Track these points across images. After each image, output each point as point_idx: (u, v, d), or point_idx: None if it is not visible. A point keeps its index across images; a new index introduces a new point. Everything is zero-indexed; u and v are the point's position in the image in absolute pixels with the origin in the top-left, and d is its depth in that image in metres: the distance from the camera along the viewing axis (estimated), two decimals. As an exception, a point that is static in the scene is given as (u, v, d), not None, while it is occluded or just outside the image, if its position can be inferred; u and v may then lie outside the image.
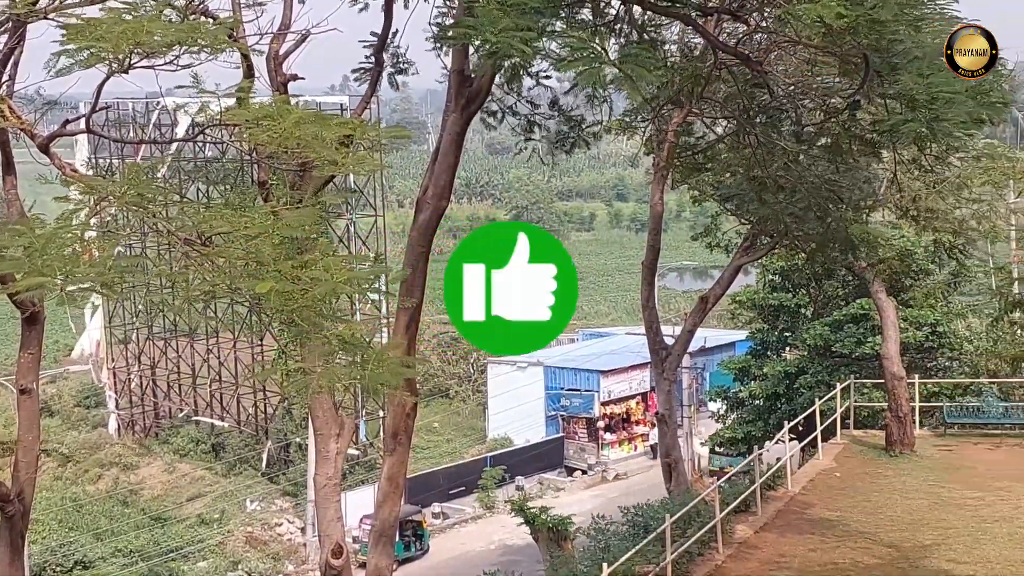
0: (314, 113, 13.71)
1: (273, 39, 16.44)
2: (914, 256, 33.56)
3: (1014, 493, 23.78)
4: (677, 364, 28.38)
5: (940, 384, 32.66)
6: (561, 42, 13.44)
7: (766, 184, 22.14)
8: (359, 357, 11.54)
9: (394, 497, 17.50)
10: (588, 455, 54.84)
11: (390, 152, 52.82)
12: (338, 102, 54.03)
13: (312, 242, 11.85)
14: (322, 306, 10.93)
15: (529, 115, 21.65)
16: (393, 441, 17.29)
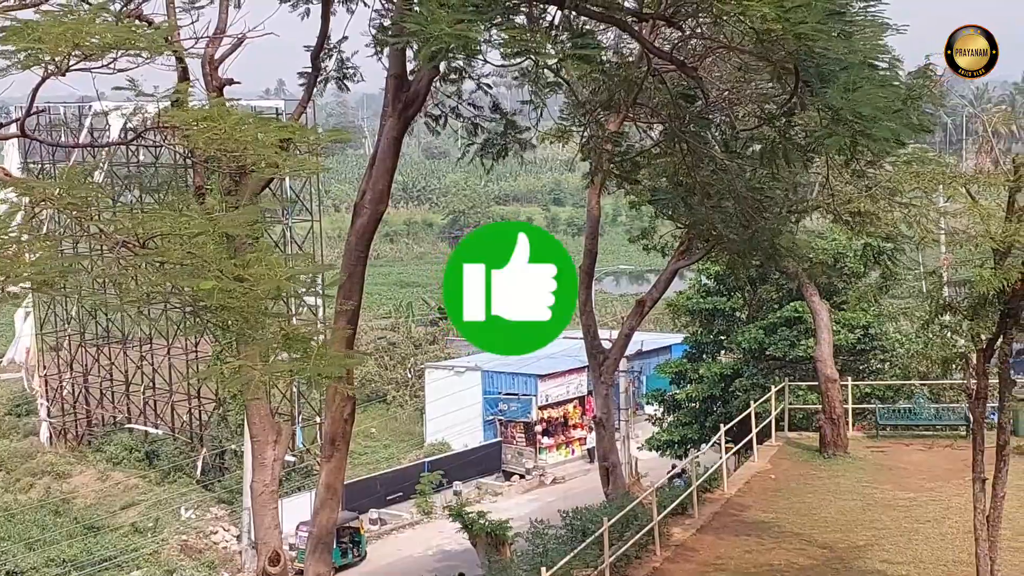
0: (253, 115, 13.65)
1: (209, 43, 16.36)
2: (846, 260, 34.04)
3: (945, 494, 24.14)
4: (614, 368, 28.53)
5: (872, 386, 33.15)
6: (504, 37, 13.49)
7: (693, 190, 22.34)
8: (301, 352, 11.51)
9: (331, 503, 17.44)
10: (526, 459, 54.86)
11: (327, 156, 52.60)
12: (273, 106, 53.62)
13: (251, 243, 11.80)
14: (264, 304, 10.89)
15: (472, 118, 21.69)
16: (330, 447, 17.23)
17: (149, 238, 11.27)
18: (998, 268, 15.37)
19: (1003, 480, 16.59)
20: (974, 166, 75.96)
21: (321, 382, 13.10)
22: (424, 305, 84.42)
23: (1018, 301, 15.80)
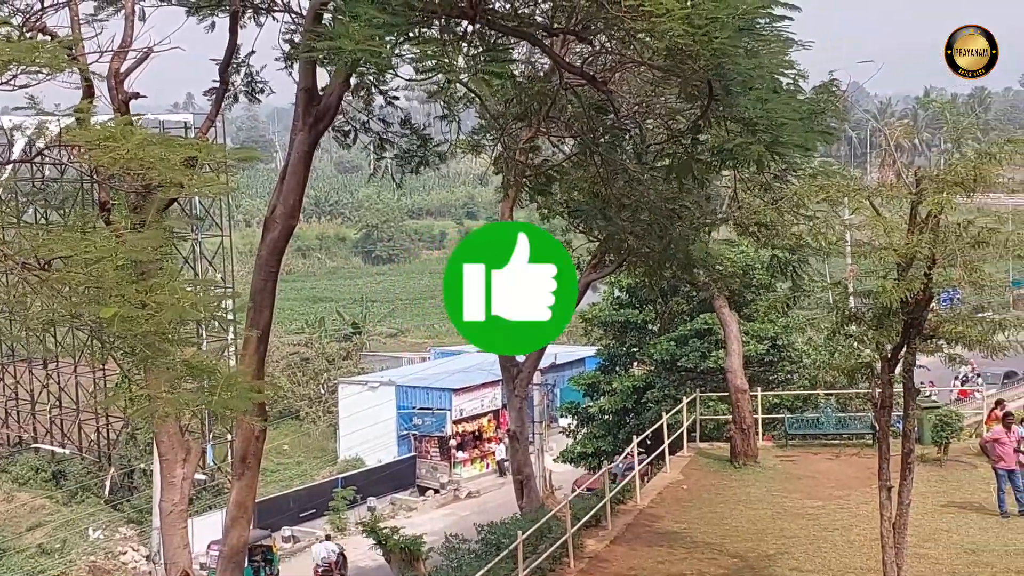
0: (159, 134, 13.46)
1: (113, 57, 16.12)
2: (754, 272, 34.52)
3: (852, 501, 24.53)
4: (528, 381, 28.60)
5: (781, 396, 33.60)
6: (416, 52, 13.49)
7: (609, 202, 22.50)
8: (207, 382, 11.34)
9: (243, 522, 17.23)
10: (440, 474, 54.76)
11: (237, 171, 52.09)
12: (182, 120, 52.96)
13: (156, 265, 11.62)
14: (168, 331, 10.71)
15: (381, 132, 21.63)
16: (241, 465, 17.02)
17: (49, 260, 11.04)
18: (901, 279, 15.69)
19: (908, 487, 16.91)
20: (878, 179, 77.49)
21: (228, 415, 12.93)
22: (338, 319, 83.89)
23: (921, 311, 16.15)
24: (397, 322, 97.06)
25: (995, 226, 16.23)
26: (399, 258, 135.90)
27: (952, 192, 15.58)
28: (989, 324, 16.32)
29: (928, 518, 22.70)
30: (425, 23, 13.97)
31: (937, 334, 16.43)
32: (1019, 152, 15.96)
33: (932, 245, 15.47)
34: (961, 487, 25.37)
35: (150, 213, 13.43)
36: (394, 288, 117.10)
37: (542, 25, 16.05)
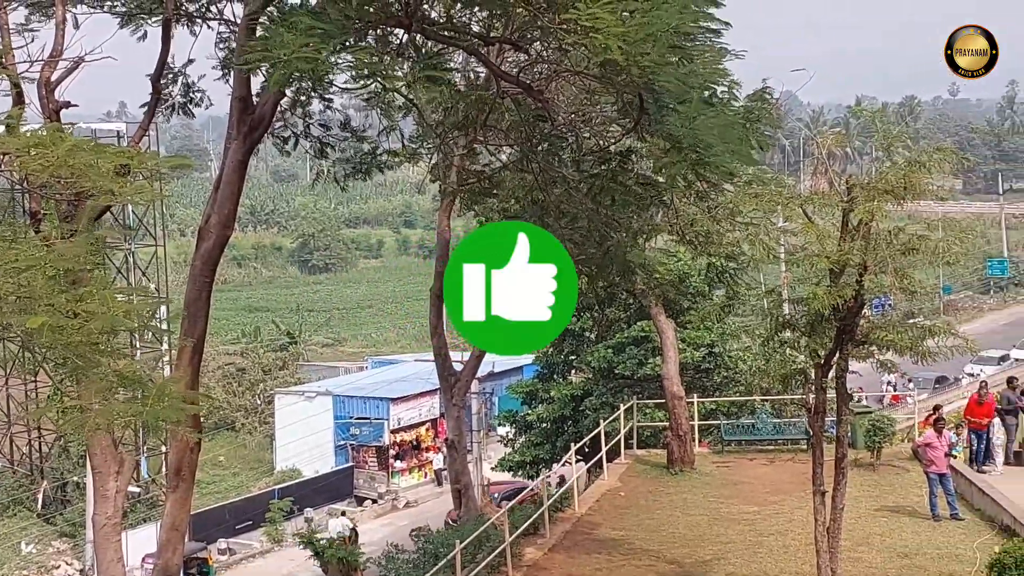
0: (89, 142, 13.29)
1: (44, 66, 15.92)
2: (691, 279, 34.78)
3: (787, 506, 24.75)
4: (466, 390, 28.61)
5: (717, 403, 33.87)
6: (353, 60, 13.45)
7: (548, 210, 22.56)
8: (140, 394, 11.20)
9: (177, 535, 17.04)
10: (378, 484, 54.54)
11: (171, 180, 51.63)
12: (115, 129, 52.35)
13: (88, 274, 11.46)
14: (99, 341, 10.55)
15: (321, 137, 21.55)
16: (176, 477, 16.84)
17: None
18: (833, 286, 15.89)
19: (842, 492, 17.12)
20: (810, 187, 78.42)
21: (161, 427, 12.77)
22: (274, 329, 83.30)
23: (852, 318, 16.37)
24: (334, 332, 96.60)
25: (925, 233, 16.48)
26: (336, 267, 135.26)
27: (883, 200, 15.82)
28: (919, 330, 16.56)
29: (862, 522, 22.97)
30: (361, 32, 13.95)
31: (869, 340, 16.65)
32: (948, 160, 16.25)
33: (863, 252, 15.69)
34: (894, 491, 25.70)
35: (81, 222, 13.27)
36: (331, 297, 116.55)
37: (478, 34, 16.10)
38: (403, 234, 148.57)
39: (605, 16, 11.42)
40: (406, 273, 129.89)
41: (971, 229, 17.52)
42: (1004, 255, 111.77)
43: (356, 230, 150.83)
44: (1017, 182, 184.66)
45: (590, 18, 11.48)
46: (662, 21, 11.70)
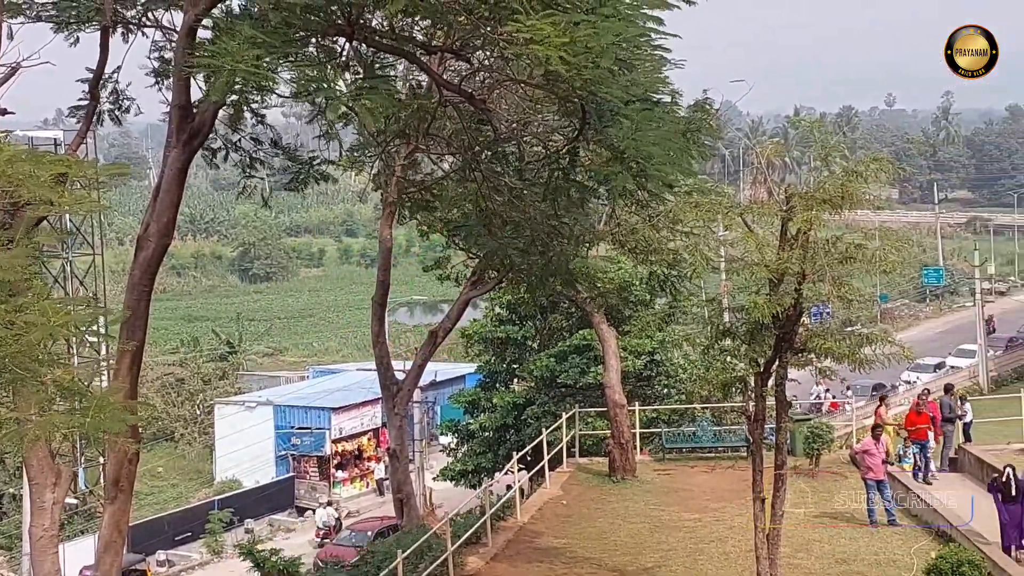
0: (27, 151, 13.12)
1: (-20, 72, 15.72)
2: (632, 288, 34.95)
3: (728, 513, 24.91)
4: (408, 399, 28.50)
5: (658, 411, 34.05)
6: (295, 74, 13.40)
7: (491, 218, 22.59)
8: (78, 404, 11.06)
9: (116, 546, 16.83)
10: (320, 494, 54.21)
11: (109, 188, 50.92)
12: (52, 137, 51.62)
13: (25, 284, 11.30)
14: (37, 351, 10.41)
15: (251, 152, 21.39)
16: (114, 488, 16.64)
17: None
18: (773, 295, 16.05)
19: (781, 499, 17.28)
20: (750, 196, 79.12)
21: (101, 438, 12.60)
22: (215, 339, 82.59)
23: (792, 326, 16.54)
24: (275, 341, 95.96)
25: (862, 242, 16.69)
26: (277, 276, 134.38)
27: (821, 209, 16.01)
28: (856, 338, 16.77)
29: (801, 529, 23.16)
30: (304, 41, 13.92)
31: (807, 348, 16.83)
32: (884, 170, 16.47)
33: (802, 261, 15.87)
34: (832, 498, 25.94)
35: (19, 231, 13.09)
36: (272, 307, 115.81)
37: (420, 43, 16.11)
38: (345, 243, 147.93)
39: (546, 28, 11.46)
40: (348, 282, 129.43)
41: (907, 238, 17.81)
42: (939, 264, 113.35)
43: (297, 239, 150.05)
44: (952, 192, 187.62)
45: (531, 30, 11.52)
46: (606, 35, 11.77)
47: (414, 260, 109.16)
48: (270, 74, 12.20)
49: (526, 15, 11.55)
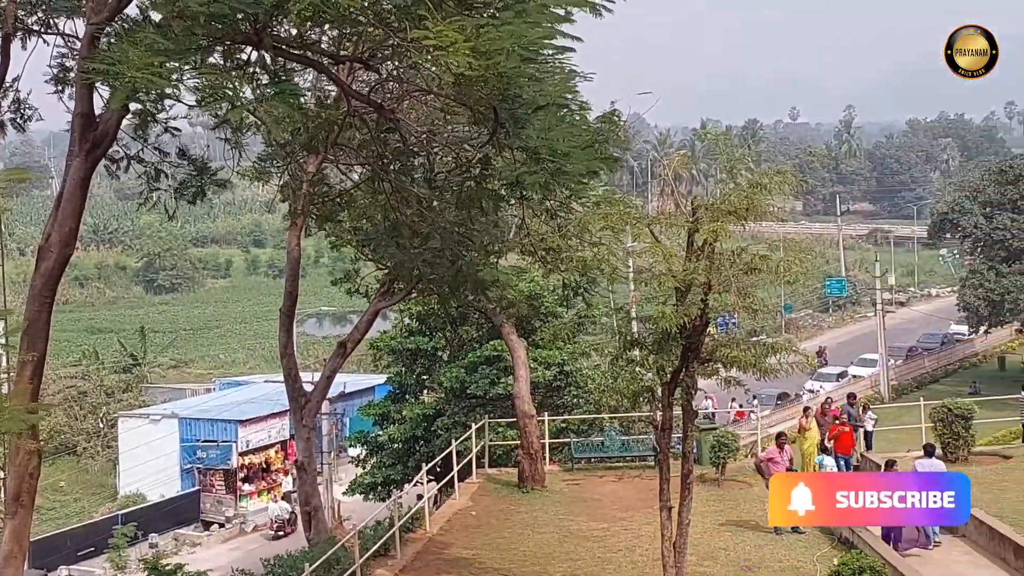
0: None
1: None
2: (543, 299, 35.08)
3: (635, 522, 25.12)
4: (316, 411, 28.27)
5: (568, 421, 34.19)
6: (199, 81, 13.23)
7: (401, 229, 22.51)
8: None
9: (16, 563, 16.47)
10: (226, 507, 53.56)
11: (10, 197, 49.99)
12: (-51, 143, 50.49)
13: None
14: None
15: (156, 163, 21.07)
16: (15, 503, 16.28)
17: None
18: (679, 305, 16.24)
19: (688, 507, 17.46)
20: (657, 207, 79.88)
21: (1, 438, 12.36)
22: (119, 351, 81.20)
23: (698, 336, 16.74)
24: (181, 353, 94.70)
25: (766, 253, 16.95)
26: (182, 287, 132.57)
27: (726, 221, 16.24)
28: (761, 348, 17.01)
29: (707, 536, 23.44)
30: (208, 49, 13.76)
31: (714, 358, 17.05)
32: (787, 182, 16.75)
33: (708, 272, 16.08)
34: (738, 505, 26.30)
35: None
36: (177, 318, 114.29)
37: (328, 53, 16.02)
38: (252, 253, 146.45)
39: (452, 34, 11.50)
40: (256, 293, 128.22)
41: (810, 249, 18.10)
42: (842, 275, 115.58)
43: (204, 249, 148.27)
44: (854, 204, 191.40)
45: (438, 36, 11.54)
46: (512, 35, 11.83)
47: (323, 271, 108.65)
48: (172, 81, 12.04)
49: (433, 22, 11.57)
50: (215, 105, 13.23)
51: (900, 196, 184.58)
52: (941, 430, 28.37)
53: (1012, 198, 75.14)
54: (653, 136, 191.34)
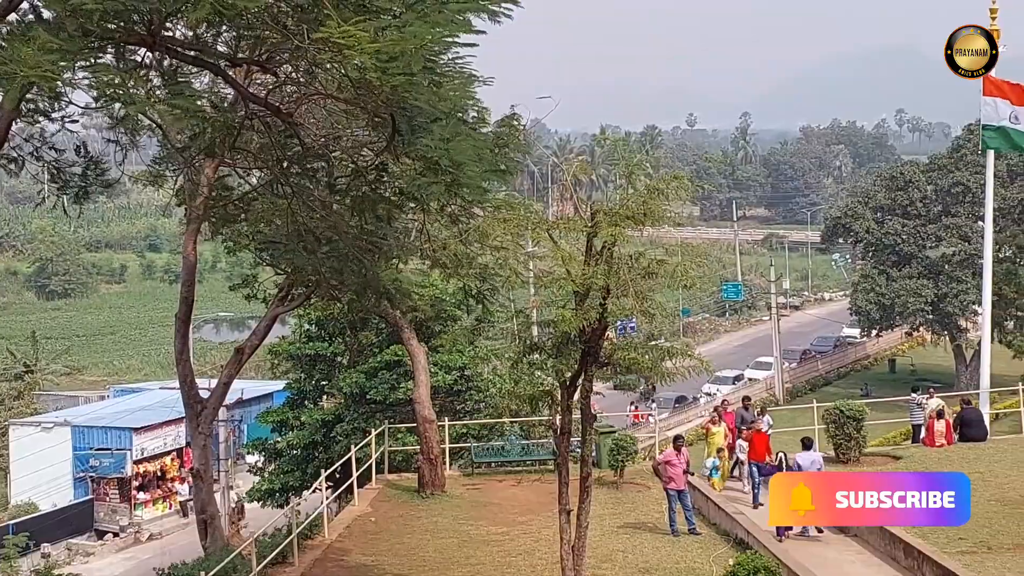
0: None
1: None
2: (444, 303, 35.06)
3: (535, 526, 25.19)
4: (213, 417, 27.89)
5: (468, 425, 34.22)
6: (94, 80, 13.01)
7: (303, 234, 22.32)
8: None
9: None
10: (120, 516, 52.64)
11: None
12: None
13: None
14: None
15: (53, 161, 20.63)
16: None
17: None
18: (579, 309, 16.34)
19: (586, 511, 17.58)
20: (557, 212, 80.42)
21: None
22: (9, 358, 79.23)
23: (597, 340, 16.86)
24: (74, 359, 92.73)
25: (664, 258, 17.14)
26: (76, 293, 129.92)
27: (624, 225, 16.38)
28: (659, 351, 17.20)
29: (606, 539, 23.61)
30: (102, 49, 13.53)
31: (612, 362, 17.19)
32: (684, 188, 16.96)
33: (607, 276, 16.20)
34: (636, 508, 26.55)
35: None
36: (71, 324, 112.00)
37: (225, 55, 15.84)
38: (148, 258, 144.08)
39: (357, 33, 11.46)
40: (151, 298, 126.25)
41: (707, 254, 18.36)
42: (738, 279, 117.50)
43: (98, 254, 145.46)
44: (750, 210, 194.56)
45: (343, 35, 11.49)
46: (414, 37, 11.82)
47: (221, 276, 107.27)
48: (66, 79, 11.82)
49: (336, 23, 11.52)
50: (110, 105, 13.01)
51: (794, 202, 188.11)
52: (834, 431, 28.92)
53: (902, 204, 77.05)
54: (553, 141, 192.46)
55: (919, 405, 32.39)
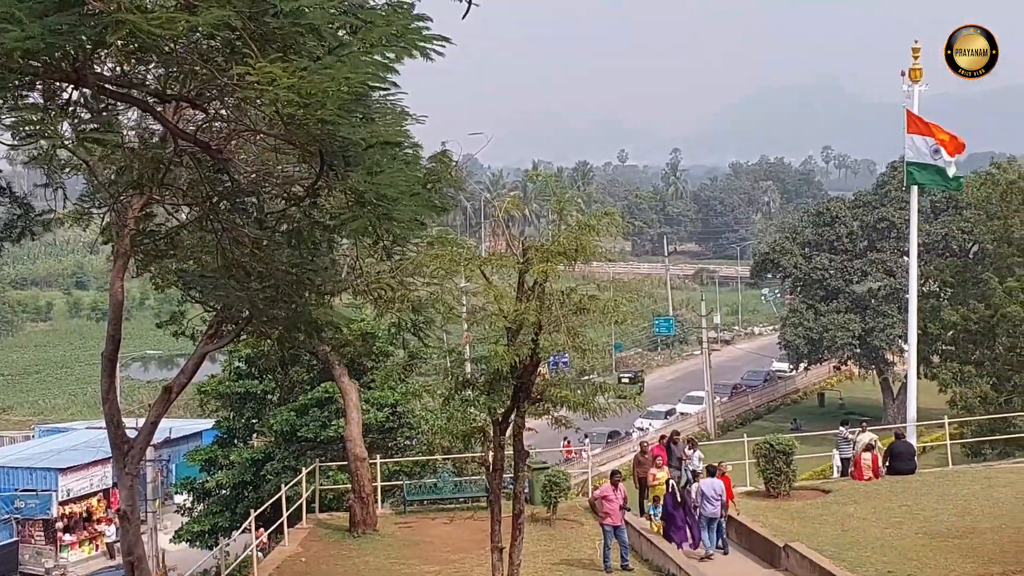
0: None
1: None
2: (376, 338, 34.86)
3: (467, 564, 24.99)
4: (140, 457, 27.36)
5: (400, 463, 33.98)
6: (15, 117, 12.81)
7: (234, 269, 22.08)
8: None
9: None
10: (45, 559, 51.59)
11: None
12: None
13: None
14: None
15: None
16: None
17: None
18: (511, 345, 16.34)
19: (519, 548, 17.52)
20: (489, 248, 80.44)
21: None
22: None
23: (529, 376, 16.87)
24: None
25: (596, 294, 17.23)
26: (1, 331, 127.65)
27: (556, 261, 16.45)
28: (591, 387, 17.25)
29: (539, 576, 23.52)
30: (26, 86, 13.33)
31: (544, 397, 17.19)
32: (615, 223, 17.08)
33: (538, 312, 16.24)
34: (569, 544, 26.45)
35: None
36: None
37: (153, 91, 15.68)
38: (75, 296, 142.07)
39: (275, 71, 11.41)
40: (77, 337, 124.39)
41: (639, 289, 18.51)
42: (670, 314, 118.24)
43: (23, 292, 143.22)
44: (681, 245, 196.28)
45: (260, 72, 11.44)
46: (334, 79, 11.80)
47: (149, 313, 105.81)
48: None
49: (256, 59, 11.46)
50: (32, 142, 12.81)
51: (724, 237, 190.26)
52: (764, 466, 29.09)
53: (829, 239, 78.16)
54: (486, 177, 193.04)
55: (845, 439, 32.74)
